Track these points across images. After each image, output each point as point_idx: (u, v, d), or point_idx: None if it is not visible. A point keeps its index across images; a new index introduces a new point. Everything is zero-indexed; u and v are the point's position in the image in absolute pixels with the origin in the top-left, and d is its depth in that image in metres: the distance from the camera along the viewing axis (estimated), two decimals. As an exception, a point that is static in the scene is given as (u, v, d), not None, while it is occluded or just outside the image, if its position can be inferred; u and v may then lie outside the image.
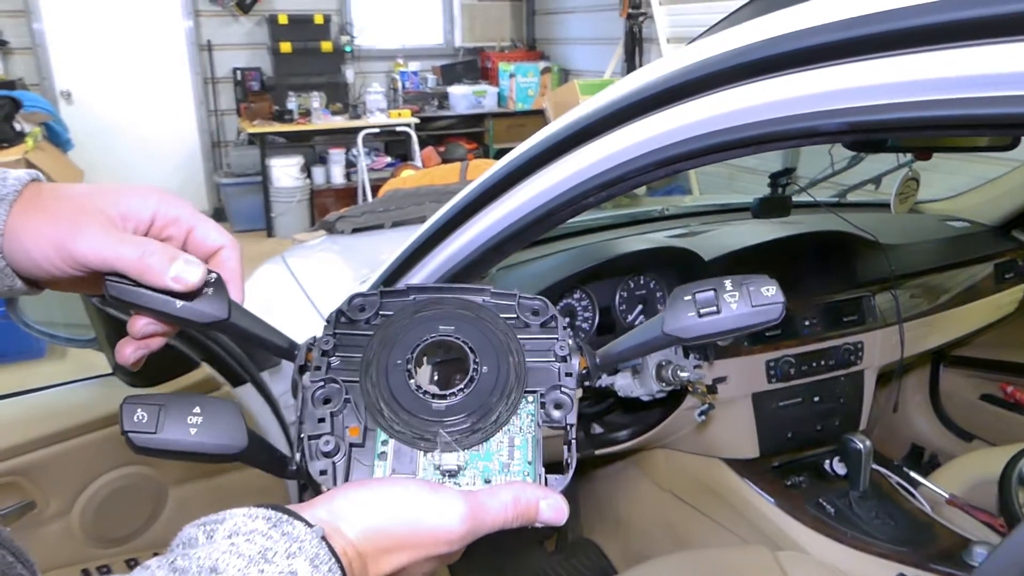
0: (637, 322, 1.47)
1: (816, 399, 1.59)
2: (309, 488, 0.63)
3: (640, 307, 1.47)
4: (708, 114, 0.64)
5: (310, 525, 0.41)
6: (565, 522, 0.51)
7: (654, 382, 1.29)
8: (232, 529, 0.40)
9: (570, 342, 0.58)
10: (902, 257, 1.70)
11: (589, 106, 0.75)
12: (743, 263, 1.48)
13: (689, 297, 0.52)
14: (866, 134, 0.60)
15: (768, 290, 0.51)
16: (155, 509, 1.36)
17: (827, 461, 1.56)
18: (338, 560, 0.41)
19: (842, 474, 1.53)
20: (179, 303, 0.50)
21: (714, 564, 1.33)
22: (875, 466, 1.46)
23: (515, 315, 0.60)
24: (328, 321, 0.59)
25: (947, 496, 1.51)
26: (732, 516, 1.56)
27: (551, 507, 0.50)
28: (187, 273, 0.49)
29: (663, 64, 0.68)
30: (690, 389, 1.40)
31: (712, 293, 0.52)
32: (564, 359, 0.57)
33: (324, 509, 0.45)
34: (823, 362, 1.57)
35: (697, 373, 1.28)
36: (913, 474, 1.57)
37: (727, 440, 1.57)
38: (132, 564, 1.35)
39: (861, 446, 1.38)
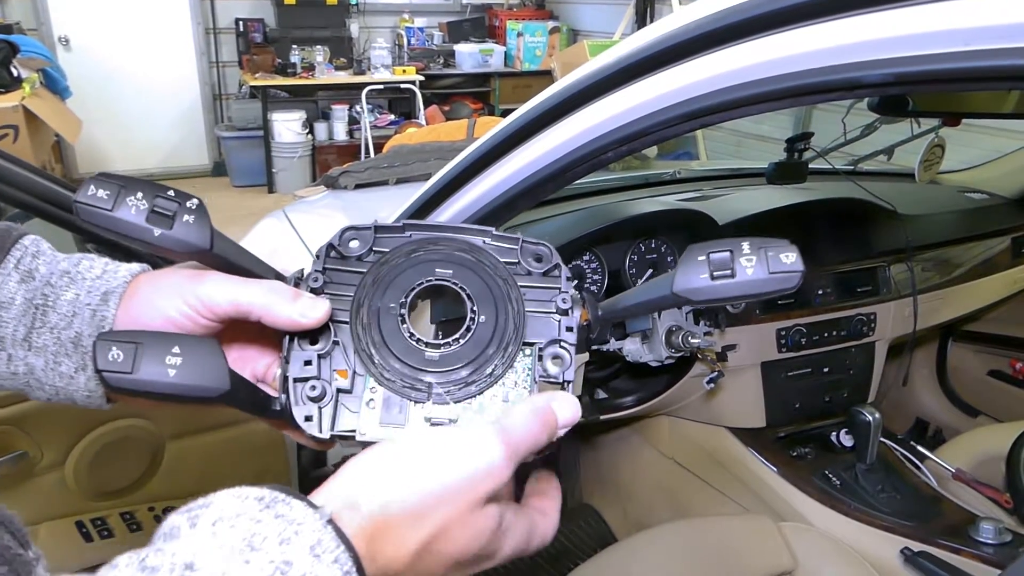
0: (646, 286, 1.43)
1: (825, 370, 1.56)
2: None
3: (650, 271, 1.44)
4: (743, 63, 0.60)
5: (313, 506, 0.36)
6: (564, 488, 0.48)
7: (663, 348, 1.26)
8: (217, 515, 0.35)
9: (573, 293, 0.56)
10: (919, 228, 1.65)
11: (611, 55, 0.70)
12: (757, 228, 1.44)
13: (703, 257, 0.49)
14: (912, 86, 0.56)
15: (788, 256, 0.48)
16: (152, 463, 1.35)
17: (834, 433, 1.55)
18: (349, 547, 0.35)
19: (849, 446, 1.51)
20: (157, 231, 0.46)
21: (715, 533, 1.32)
22: (882, 439, 1.44)
23: (516, 260, 0.57)
24: (318, 256, 0.56)
25: (953, 471, 1.49)
26: (735, 485, 1.54)
27: (564, 406, 0.46)
28: (312, 309, 0.49)
29: (694, 10, 0.63)
30: (699, 356, 1.37)
31: (728, 255, 0.49)
32: (566, 312, 0.55)
33: (337, 483, 0.40)
34: (835, 332, 1.54)
35: (708, 340, 1.25)
36: (920, 448, 1.55)
37: (734, 409, 1.55)
38: (127, 517, 1.34)
39: (870, 418, 1.37)
